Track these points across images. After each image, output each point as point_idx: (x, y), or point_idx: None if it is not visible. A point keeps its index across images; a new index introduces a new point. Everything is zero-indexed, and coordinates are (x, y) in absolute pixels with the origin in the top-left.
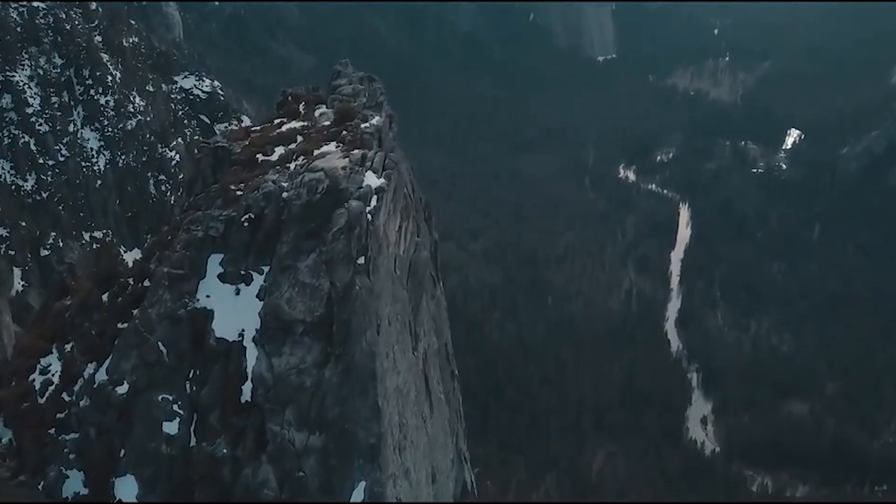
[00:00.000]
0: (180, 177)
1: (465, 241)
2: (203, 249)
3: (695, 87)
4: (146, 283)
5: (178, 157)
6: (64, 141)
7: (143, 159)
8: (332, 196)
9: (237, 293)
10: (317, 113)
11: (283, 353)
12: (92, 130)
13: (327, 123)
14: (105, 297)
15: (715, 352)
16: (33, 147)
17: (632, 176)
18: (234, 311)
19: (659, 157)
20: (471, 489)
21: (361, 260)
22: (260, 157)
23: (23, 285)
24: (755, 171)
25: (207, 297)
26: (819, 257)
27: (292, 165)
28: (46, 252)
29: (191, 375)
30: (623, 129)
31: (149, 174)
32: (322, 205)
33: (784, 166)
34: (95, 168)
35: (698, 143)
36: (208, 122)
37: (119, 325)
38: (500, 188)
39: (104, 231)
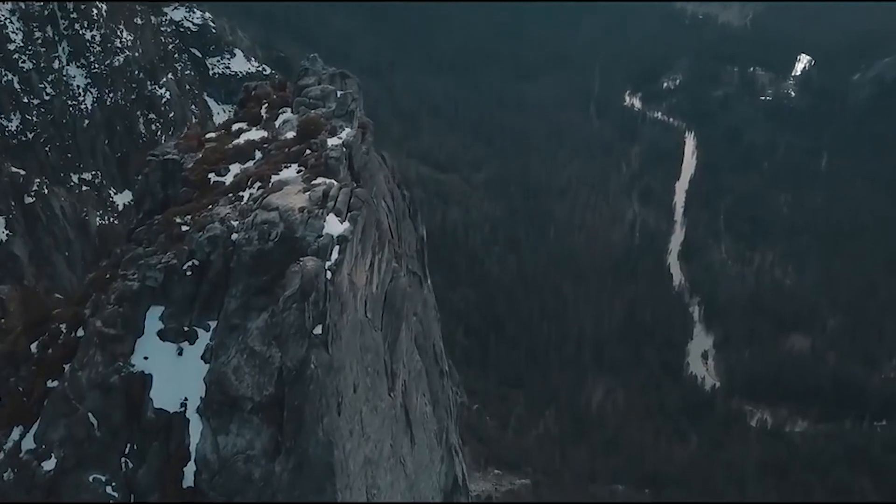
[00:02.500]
0: (171, 116)
1: (468, 172)
2: (140, 303)
3: (703, 11)
4: (80, 331)
5: (168, 94)
6: (49, 79)
7: (132, 97)
8: (286, 245)
9: (179, 353)
10: (279, 120)
11: (230, 432)
12: (78, 67)
13: (290, 136)
14: (35, 346)
15: (717, 285)
16: (17, 86)
17: (638, 103)
18: (175, 375)
19: (665, 84)
20: (462, 482)
21: (318, 330)
22: (212, 176)
23: (7, 234)
24: (763, 98)
25: (145, 358)
26: (826, 188)
27: (245, 195)
28: (31, 199)
29: (127, 451)
30: (630, 54)
31: (138, 113)
32: (275, 255)
33: (793, 94)
34: (82, 107)
35: (706, 70)
36: (200, 56)
37: (49, 384)
38: (503, 115)
39: (93, 173)
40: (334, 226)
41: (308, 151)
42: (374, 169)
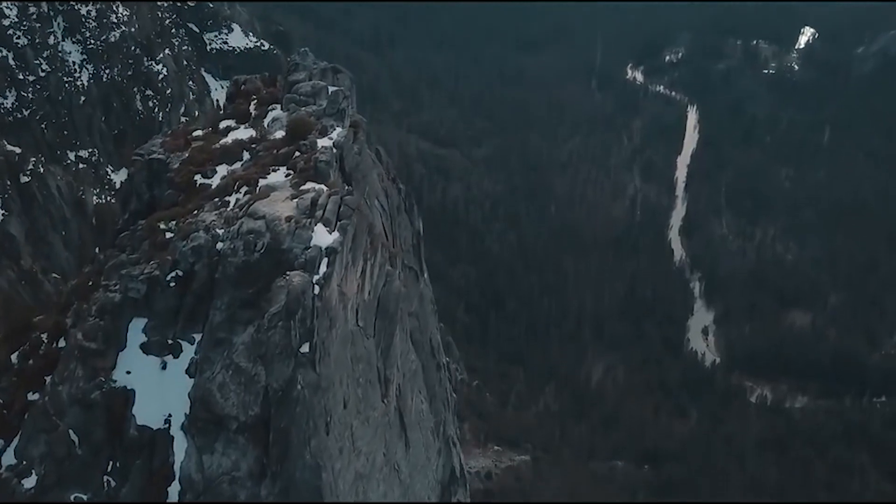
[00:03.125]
0: (168, 92)
1: (468, 147)
2: (122, 315)
3: None
4: (62, 341)
5: (165, 70)
6: (44, 55)
7: (129, 73)
8: (272, 257)
9: (163, 367)
10: (268, 118)
11: (216, 451)
12: (73, 43)
13: (279, 136)
14: (15, 356)
15: (718, 261)
16: (11, 62)
17: (639, 77)
18: (159, 390)
19: (668, 57)
20: (459, 473)
21: (305, 348)
22: (199, 178)
23: (3, 214)
24: (766, 71)
25: (128, 373)
26: (828, 163)
27: (232, 200)
28: (27, 178)
29: (109, 469)
30: (632, 27)
31: (135, 89)
32: (261, 267)
33: (796, 67)
34: (78, 83)
35: (708, 43)
36: (197, 31)
37: (30, 396)
38: (504, 89)
39: (89, 150)
40: (323, 236)
41: (297, 153)
42: (366, 168)
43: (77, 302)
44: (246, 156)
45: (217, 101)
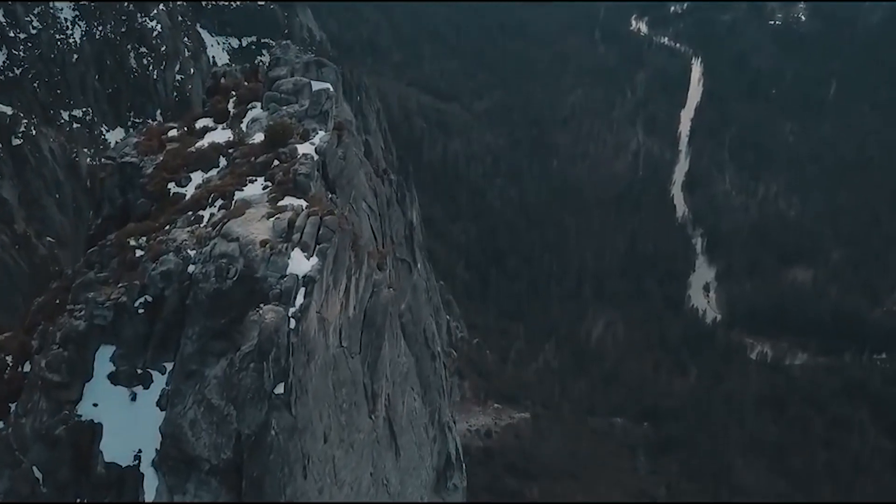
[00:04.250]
0: (163, 49)
1: (469, 100)
2: (88, 344)
3: None
4: (27, 365)
5: (159, 26)
6: (35, 12)
7: (122, 30)
8: (246, 286)
9: (133, 399)
10: (247, 118)
11: (188, 492)
12: None
13: (258, 141)
14: None
15: (721, 217)
16: (2, 19)
17: (644, 28)
18: (128, 424)
19: (673, 8)
20: (455, 458)
21: (280, 389)
22: (172, 187)
23: None
24: (772, 23)
25: (95, 405)
26: (833, 118)
27: (206, 214)
28: (19, 141)
29: None
30: None
31: (129, 46)
32: (234, 296)
33: (803, 18)
34: (70, 41)
35: None
36: None
37: None
38: (506, 41)
39: (83, 109)
40: (300, 263)
41: (276, 162)
42: (352, 172)
43: (43, 322)
44: (222, 162)
45: (213, 57)
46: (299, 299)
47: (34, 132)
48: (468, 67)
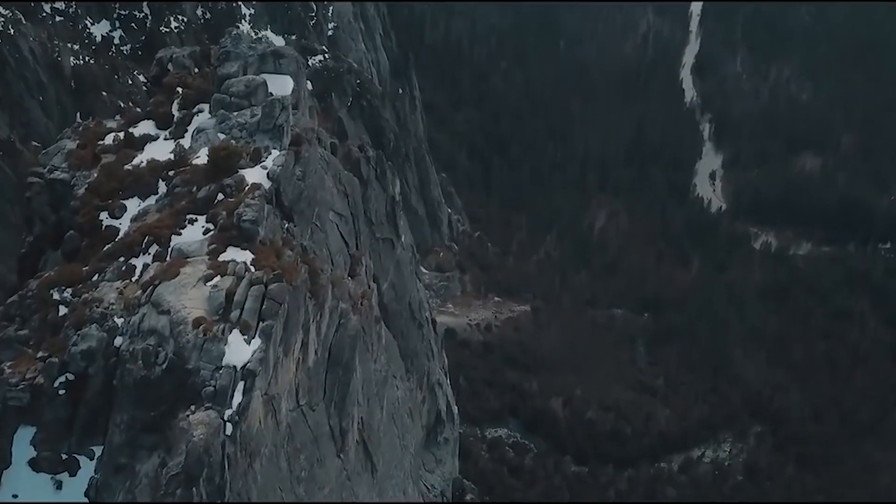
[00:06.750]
0: None
1: None
2: (4, 427)
3: None
4: None
5: None
6: None
7: None
8: (176, 377)
9: (58, 488)
10: (192, 126)
11: None
12: None
13: (201, 162)
14: None
15: (730, 101)
16: None
17: None
18: None
19: None
20: (446, 414)
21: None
22: (105, 218)
23: None
24: None
25: (14, 496)
26: None
27: (138, 265)
28: None
29: None
30: None
31: None
32: (163, 387)
33: None
34: None
35: None
36: None
37: None
38: None
39: (66, 1)
40: (238, 350)
41: (220, 196)
42: (311, 193)
43: None
44: (161, 187)
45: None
46: (237, 398)
47: (12, 31)
48: None
